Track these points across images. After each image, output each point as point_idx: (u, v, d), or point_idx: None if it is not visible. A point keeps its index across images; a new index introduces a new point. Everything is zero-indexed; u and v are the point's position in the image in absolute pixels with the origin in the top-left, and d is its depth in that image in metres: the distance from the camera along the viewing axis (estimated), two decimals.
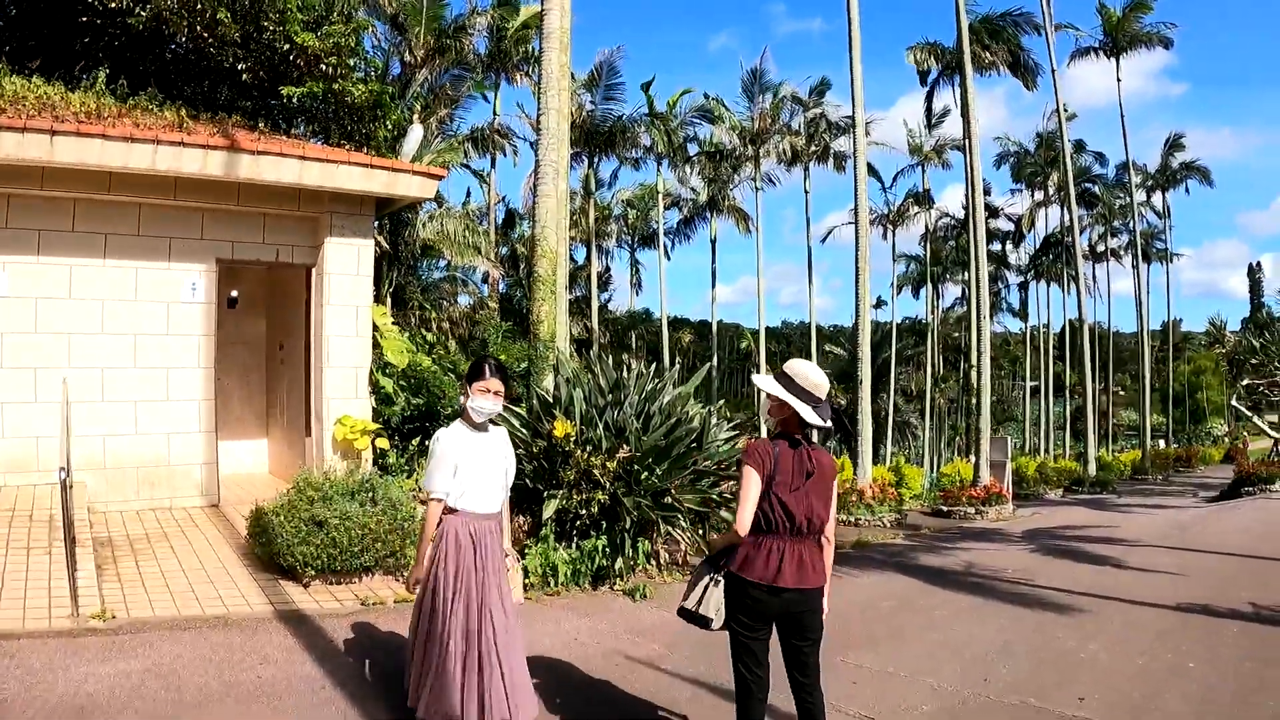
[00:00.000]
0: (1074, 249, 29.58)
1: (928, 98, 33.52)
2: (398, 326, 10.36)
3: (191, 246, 8.38)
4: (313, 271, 8.98)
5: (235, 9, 9.29)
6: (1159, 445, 42.58)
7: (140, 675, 4.48)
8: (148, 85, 9.08)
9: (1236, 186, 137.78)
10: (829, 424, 3.45)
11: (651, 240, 37.56)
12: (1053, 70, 27.67)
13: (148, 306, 8.20)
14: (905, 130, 38.48)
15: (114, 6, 8.99)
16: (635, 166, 33.44)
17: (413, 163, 9.45)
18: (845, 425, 15.04)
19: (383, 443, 8.91)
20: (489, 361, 3.96)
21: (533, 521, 7.33)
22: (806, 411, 3.43)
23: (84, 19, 9.31)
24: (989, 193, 38.55)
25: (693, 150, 32.60)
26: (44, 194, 7.58)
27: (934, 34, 48.78)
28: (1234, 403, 28.72)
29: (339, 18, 10.56)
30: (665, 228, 35.81)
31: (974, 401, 18.51)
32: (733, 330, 59.42)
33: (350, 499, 6.46)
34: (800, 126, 32.47)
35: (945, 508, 15.99)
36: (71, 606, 5.24)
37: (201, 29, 9.25)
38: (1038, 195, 40.88)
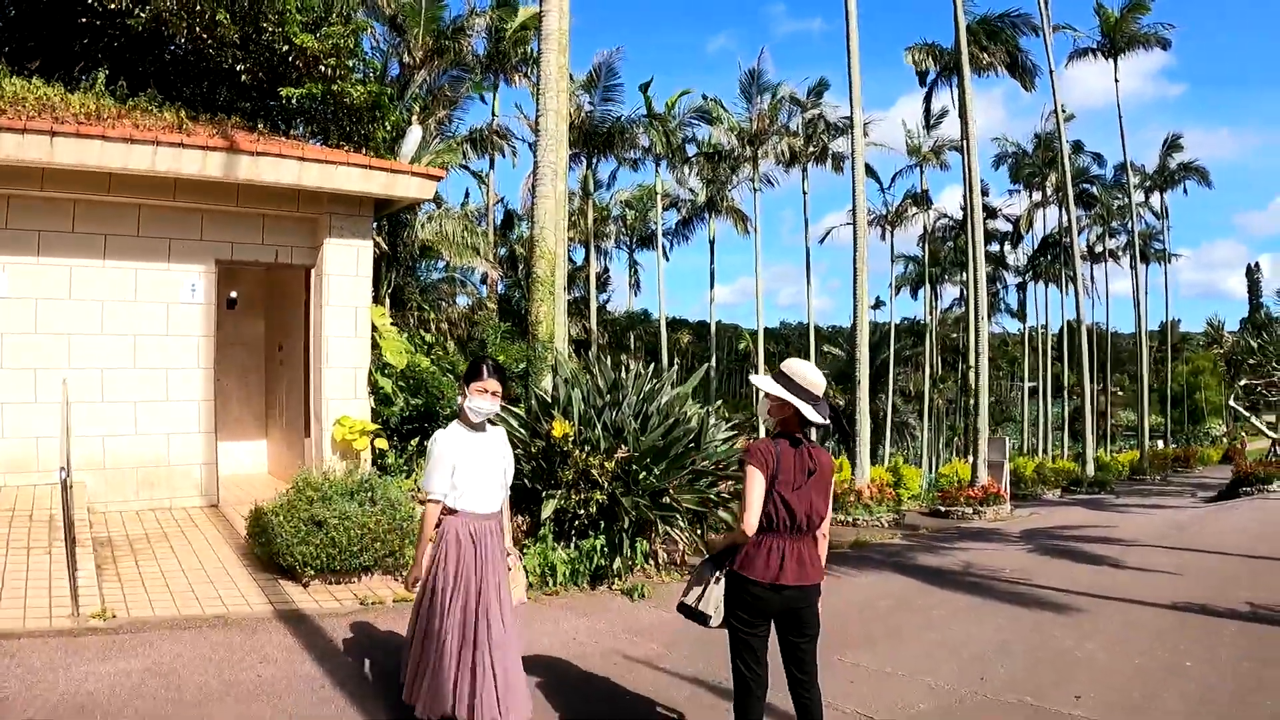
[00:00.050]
0: (1072, 250, 29.62)
1: (926, 98, 33.71)
2: (396, 327, 10.38)
3: (191, 247, 8.40)
4: (312, 272, 9.00)
5: (234, 10, 9.32)
6: (1157, 445, 42.68)
7: (140, 674, 4.50)
8: (147, 86, 9.10)
9: (1235, 187, 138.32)
10: (828, 421, 3.47)
11: (650, 241, 37.54)
12: (1051, 71, 27.79)
13: (147, 307, 8.22)
14: (904, 131, 38.57)
15: (113, 8, 9.01)
16: (634, 167, 33.57)
17: (411, 164, 9.46)
18: (843, 426, 15.06)
19: (382, 443, 8.93)
20: (487, 362, 3.97)
21: (531, 521, 7.34)
22: (807, 409, 3.45)
23: (83, 20, 9.33)
24: (987, 193, 38.70)
25: (691, 151, 32.66)
26: (44, 195, 7.60)
27: (932, 35, 48.91)
28: (1232, 403, 28.73)
29: (338, 19, 10.60)
30: (664, 228, 35.85)
31: (972, 402, 18.55)
32: (731, 331, 59.50)
33: (349, 499, 6.49)
34: (798, 127, 32.49)
35: (943, 508, 16.01)
36: (72, 606, 5.25)
37: (201, 30, 9.28)
38: (1036, 196, 40.96)
